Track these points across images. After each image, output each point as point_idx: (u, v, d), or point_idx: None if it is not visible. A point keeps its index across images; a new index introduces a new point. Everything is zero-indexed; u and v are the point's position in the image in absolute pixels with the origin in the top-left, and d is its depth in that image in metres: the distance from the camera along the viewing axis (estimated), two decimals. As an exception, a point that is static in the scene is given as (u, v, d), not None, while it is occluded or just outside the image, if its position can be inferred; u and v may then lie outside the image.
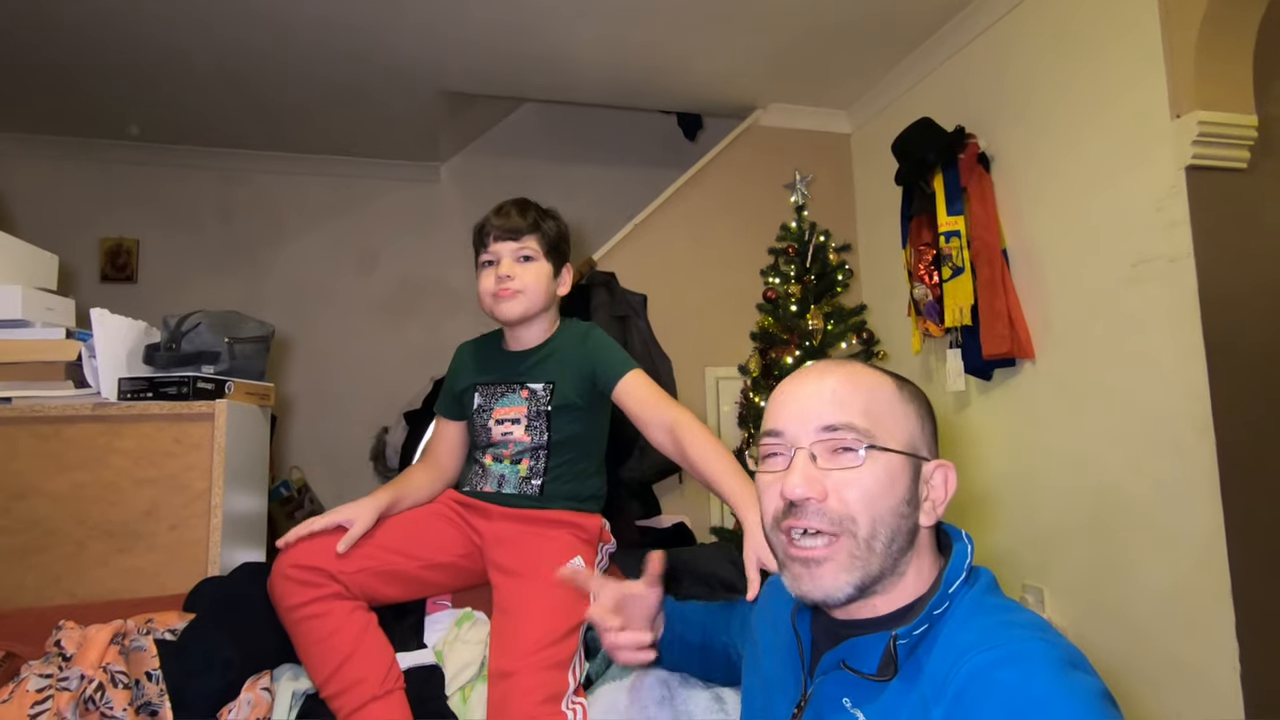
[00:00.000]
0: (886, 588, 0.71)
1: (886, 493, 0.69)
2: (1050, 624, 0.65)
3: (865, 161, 3.38)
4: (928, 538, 0.74)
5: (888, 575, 0.70)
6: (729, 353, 2.93)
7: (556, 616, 1.09)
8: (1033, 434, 2.41)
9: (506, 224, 1.26)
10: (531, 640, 1.05)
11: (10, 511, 1.41)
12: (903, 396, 0.75)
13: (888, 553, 0.69)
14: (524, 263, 1.27)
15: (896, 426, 0.72)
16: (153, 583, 1.42)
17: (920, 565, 0.72)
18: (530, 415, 1.27)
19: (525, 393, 1.28)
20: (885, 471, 0.70)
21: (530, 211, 1.29)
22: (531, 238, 1.27)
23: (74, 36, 2.73)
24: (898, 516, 0.69)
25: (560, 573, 1.03)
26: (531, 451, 1.27)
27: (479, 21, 2.69)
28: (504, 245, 1.26)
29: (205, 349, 1.59)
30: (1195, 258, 1.88)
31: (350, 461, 3.51)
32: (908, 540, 0.71)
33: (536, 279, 1.27)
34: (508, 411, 1.29)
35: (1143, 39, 2.01)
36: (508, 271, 1.25)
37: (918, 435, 0.74)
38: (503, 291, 1.25)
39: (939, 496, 0.73)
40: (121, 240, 3.71)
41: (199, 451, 1.49)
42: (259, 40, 2.80)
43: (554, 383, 1.27)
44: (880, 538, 0.69)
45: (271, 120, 3.54)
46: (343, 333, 3.87)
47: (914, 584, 0.72)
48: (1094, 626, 2.15)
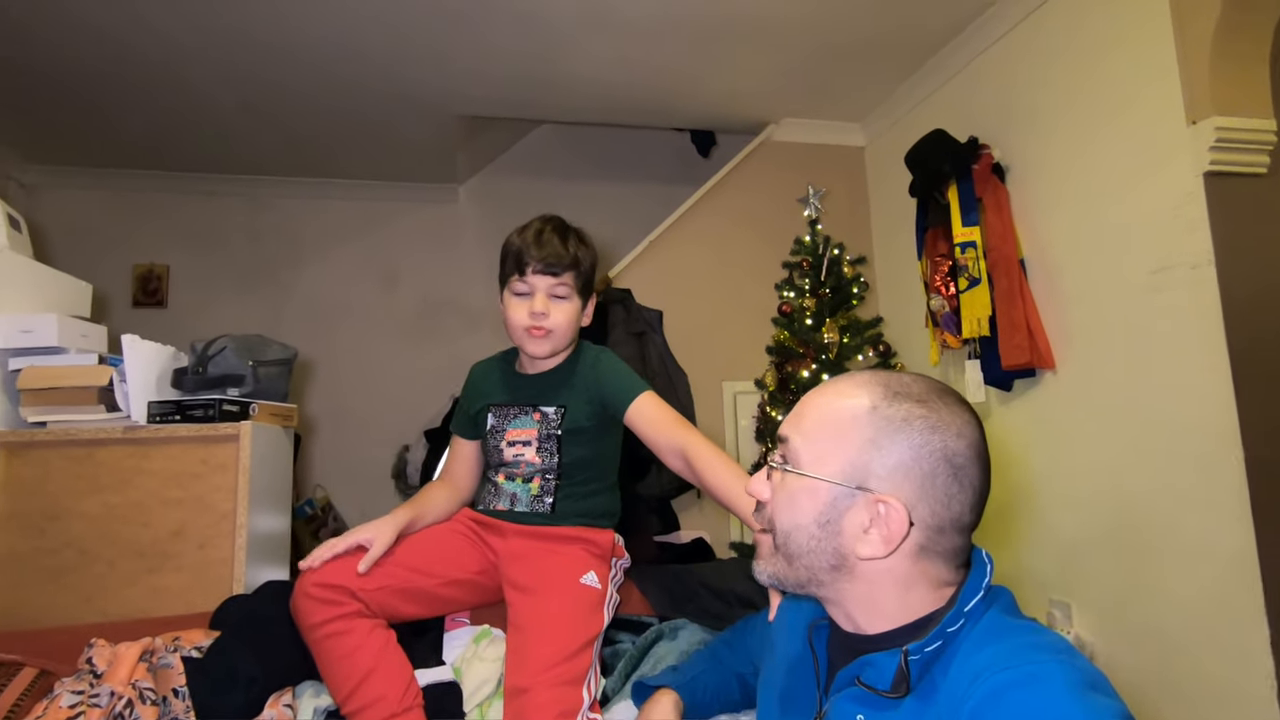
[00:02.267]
0: (847, 603, 0.73)
1: (793, 509, 0.72)
2: (1071, 645, 0.64)
3: (880, 174, 3.38)
4: (905, 568, 0.70)
5: (814, 587, 0.73)
6: (745, 367, 2.94)
7: (569, 632, 1.10)
8: (1054, 446, 2.37)
9: (547, 257, 1.22)
10: (545, 656, 1.06)
11: (46, 532, 1.46)
12: (870, 419, 0.70)
13: (801, 564, 0.72)
14: (557, 301, 1.25)
15: (833, 451, 0.71)
16: (180, 601, 1.46)
17: (900, 592, 0.70)
18: (541, 438, 1.28)
19: (537, 415, 1.30)
20: (799, 490, 0.72)
21: (570, 242, 1.25)
22: (569, 274, 1.24)
23: (105, 74, 2.84)
24: (808, 536, 0.71)
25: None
26: (542, 472, 1.29)
27: (494, 49, 2.75)
28: (541, 280, 1.23)
29: (231, 372, 1.63)
30: (1216, 264, 1.86)
31: (372, 480, 3.55)
32: (830, 561, 0.71)
33: (567, 319, 1.26)
34: (520, 434, 1.30)
35: (1155, 46, 2.00)
36: (542, 309, 1.23)
37: (864, 464, 0.69)
38: (535, 330, 1.24)
39: (886, 533, 0.68)
40: (153, 266, 3.83)
41: (225, 472, 1.53)
42: (281, 75, 2.89)
43: (565, 406, 1.28)
44: (790, 548, 0.73)
45: (294, 148, 3.64)
46: (364, 353, 3.94)
47: (897, 608, 0.71)
48: (1123, 643, 2.10)
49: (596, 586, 1.20)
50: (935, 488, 0.68)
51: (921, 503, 0.68)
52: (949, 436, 0.69)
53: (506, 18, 2.53)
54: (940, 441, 0.69)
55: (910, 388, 0.72)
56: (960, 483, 0.69)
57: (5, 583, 1.43)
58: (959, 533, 0.70)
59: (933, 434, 0.69)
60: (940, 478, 0.68)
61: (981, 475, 0.70)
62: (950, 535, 0.69)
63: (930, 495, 0.68)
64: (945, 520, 0.69)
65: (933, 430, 0.69)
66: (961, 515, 0.69)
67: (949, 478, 0.68)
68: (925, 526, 0.69)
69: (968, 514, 0.70)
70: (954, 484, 0.68)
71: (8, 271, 1.54)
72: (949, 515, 0.69)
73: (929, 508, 0.68)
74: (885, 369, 2.42)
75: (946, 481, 0.68)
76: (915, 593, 0.71)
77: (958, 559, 0.71)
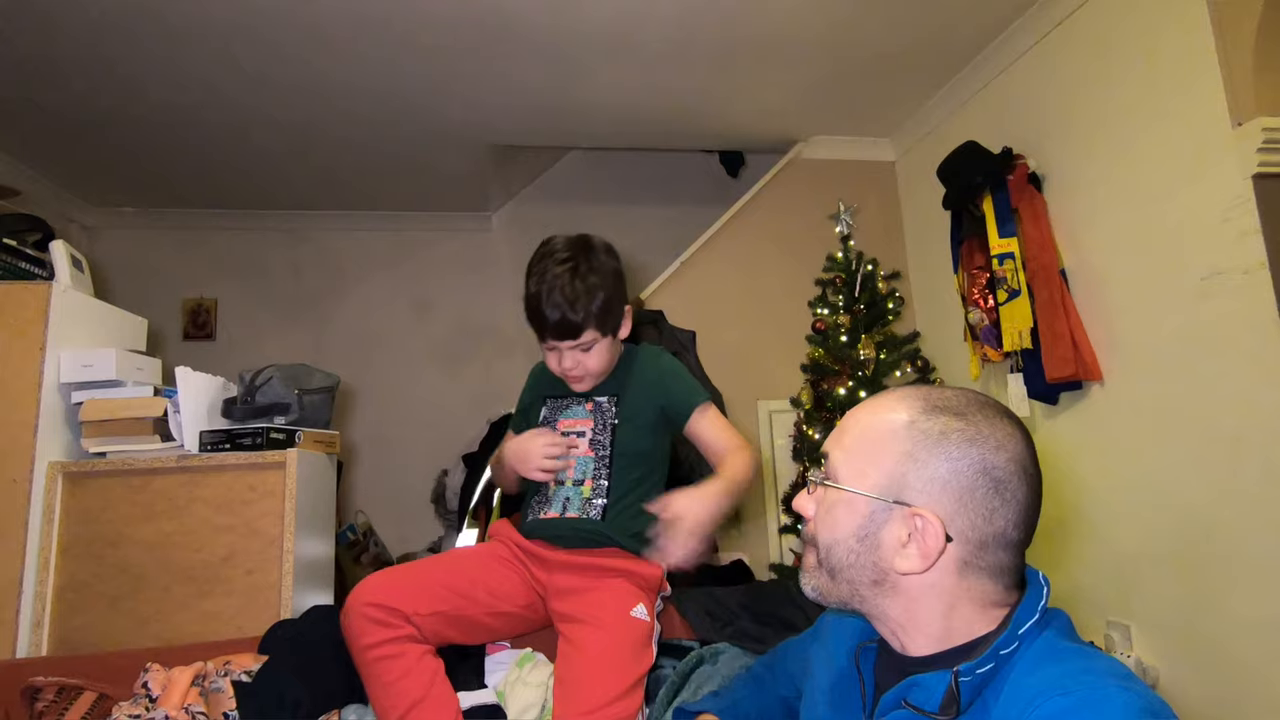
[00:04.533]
0: (890, 621, 0.72)
1: (833, 524, 0.73)
2: (1130, 670, 0.62)
3: (911, 188, 3.35)
4: (948, 584, 0.68)
5: (857, 602, 0.73)
6: (781, 386, 2.92)
7: (621, 670, 1.10)
8: (1106, 460, 2.29)
9: (558, 327, 1.21)
10: (598, 696, 1.06)
11: (105, 559, 1.51)
12: (908, 433, 0.70)
13: (843, 579, 0.72)
14: (585, 352, 1.25)
15: (871, 465, 0.71)
16: (230, 625, 1.49)
17: (943, 611, 0.69)
18: (596, 429, 1.30)
19: (590, 405, 1.32)
20: (838, 504, 0.73)
21: (579, 304, 1.20)
22: (586, 332, 1.22)
23: (157, 124, 3.00)
24: (848, 550, 0.71)
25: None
26: (595, 469, 1.29)
27: (523, 83, 2.82)
28: (562, 343, 1.24)
29: (277, 401, 1.68)
30: (1271, 269, 1.79)
31: (412, 504, 3.61)
32: (870, 576, 0.70)
33: (599, 358, 1.27)
34: (574, 424, 1.32)
35: (1194, 48, 1.96)
36: (571, 364, 1.26)
37: (900, 477, 0.69)
38: (571, 377, 1.29)
39: (924, 547, 0.67)
40: (201, 300, 3.98)
41: (272, 498, 1.57)
42: (318, 116, 3.02)
43: (618, 396, 1.31)
44: (832, 562, 0.73)
45: (332, 184, 3.77)
46: (402, 379, 4.02)
47: (941, 628, 0.69)
48: (1188, 665, 2.00)
49: (645, 619, 1.19)
50: (974, 501, 0.67)
51: (960, 516, 0.67)
52: (987, 449, 0.67)
53: (530, 51, 2.59)
54: (978, 454, 0.67)
55: (950, 401, 0.71)
56: (1002, 496, 0.67)
57: (68, 608, 1.49)
58: (1004, 549, 0.68)
59: (970, 446, 0.68)
60: (980, 491, 0.67)
61: (1027, 489, 0.68)
62: (995, 551, 0.68)
63: (969, 509, 0.67)
64: (987, 535, 0.67)
65: (970, 443, 0.68)
66: (1005, 530, 0.67)
67: (989, 491, 0.67)
68: (966, 541, 0.67)
69: (1012, 529, 0.68)
70: (995, 498, 0.67)
71: (71, 309, 1.62)
72: (991, 530, 0.67)
73: (969, 521, 0.67)
74: (924, 384, 2.37)
75: (987, 495, 0.67)
76: (960, 612, 0.69)
77: (1007, 578, 0.69)
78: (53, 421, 1.55)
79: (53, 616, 1.47)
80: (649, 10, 2.40)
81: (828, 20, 2.50)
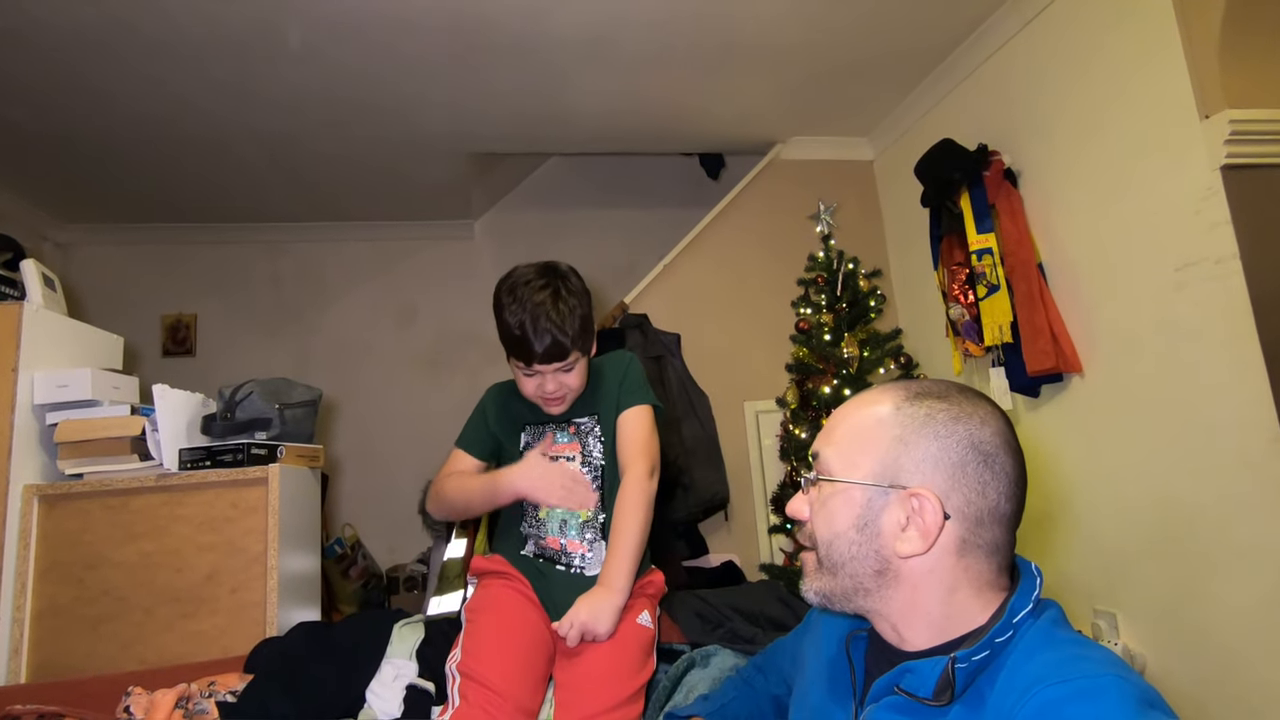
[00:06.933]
0: (892, 614, 0.72)
1: (831, 519, 0.73)
2: (1124, 660, 0.63)
3: (890, 186, 3.38)
4: (948, 566, 0.69)
5: (861, 597, 0.72)
6: (766, 386, 2.92)
7: (626, 677, 1.10)
8: (1088, 451, 2.32)
9: (549, 350, 1.20)
10: (601, 701, 1.06)
11: (84, 581, 1.49)
12: (895, 419, 0.72)
13: (845, 574, 0.72)
14: (568, 373, 1.25)
15: (863, 455, 0.72)
16: (215, 645, 1.47)
17: (944, 596, 0.70)
18: (585, 450, 1.30)
19: (573, 429, 1.32)
20: (835, 498, 0.73)
21: (567, 326, 1.20)
22: (572, 354, 1.23)
23: (130, 140, 2.96)
24: (849, 543, 0.72)
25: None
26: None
27: (500, 91, 2.81)
28: (547, 367, 1.23)
29: (258, 416, 1.66)
30: (1242, 257, 1.82)
31: (400, 516, 3.57)
32: (873, 566, 0.71)
33: (579, 377, 1.27)
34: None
35: (1160, 42, 1.99)
36: (554, 387, 1.25)
37: (893, 461, 0.70)
38: (550, 400, 1.27)
39: (923, 526, 0.68)
40: (180, 315, 3.93)
41: (255, 515, 1.55)
42: (297, 126, 2.99)
43: (597, 414, 1.31)
44: (833, 558, 0.73)
45: (312, 195, 3.74)
46: (386, 390, 3.98)
47: (941, 615, 0.70)
48: (1175, 653, 2.02)
49: (650, 627, 1.20)
50: (967, 475, 0.69)
51: (955, 492, 0.69)
52: (973, 425, 0.70)
53: (509, 58, 2.59)
54: (965, 430, 0.70)
55: (930, 387, 0.74)
56: (992, 470, 0.69)
57: (46, 634, 1.46)
58: (998, 524, 0.70)
59: (956, 424, 0.70)
60: (970, 465, 0.69)
61: (1013, 462, 0.71)
62: (990, 527, 0.69)
63: (963, 484, 0.69)
64: (983, 510, 0.69)
65: (955, 420, 0.70)
66: (999, 504, 0.69)
67: (979, 464, 0.69)
68: (962, 517, 0.69)
69: (1004, 502, 0.70)
70: (985, 471, 0.69)
71: (43, 329, 1.59)
72: (985, 504, 0.69)
73: (963, 496, 0.69)
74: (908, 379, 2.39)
75: (978, 469, 0.69)
76: (959, 596, 0.70)
77: (1000, 556, 0.71)
78: (27, 444, 1.53)
79: (31, 642, 1.44)
80: (627, 16, 2.40)
81: (804, 24, 2.52)
